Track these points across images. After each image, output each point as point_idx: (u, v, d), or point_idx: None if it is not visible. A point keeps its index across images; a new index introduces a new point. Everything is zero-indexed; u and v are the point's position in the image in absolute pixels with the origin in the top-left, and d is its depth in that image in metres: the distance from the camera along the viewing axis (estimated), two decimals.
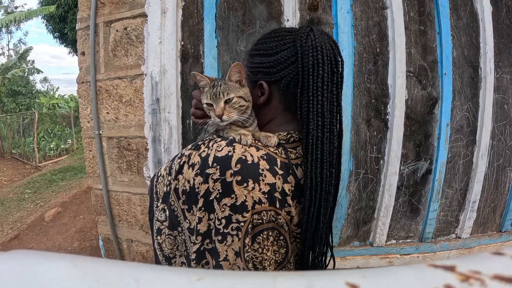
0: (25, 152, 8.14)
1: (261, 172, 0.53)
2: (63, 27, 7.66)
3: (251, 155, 0.54)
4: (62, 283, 0.13)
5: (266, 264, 0.53)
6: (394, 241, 1.66)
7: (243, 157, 0.53)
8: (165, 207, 0.58)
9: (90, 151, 1.76)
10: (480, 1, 1.53)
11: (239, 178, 0.51)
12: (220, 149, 0.53)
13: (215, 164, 0.52)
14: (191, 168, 0.54)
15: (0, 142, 8.95)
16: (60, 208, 3.81)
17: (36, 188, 4.92)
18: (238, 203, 0.51)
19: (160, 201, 0.59)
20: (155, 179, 0.63)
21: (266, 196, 0.53)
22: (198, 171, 0.53)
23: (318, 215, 0.57)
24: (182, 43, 1.52)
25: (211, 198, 0.51)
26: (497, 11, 1.57)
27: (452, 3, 1.52)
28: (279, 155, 0.58)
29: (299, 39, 0.60)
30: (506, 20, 1.59)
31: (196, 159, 0.54)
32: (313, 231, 0.58)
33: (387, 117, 1.54)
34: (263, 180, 0.53)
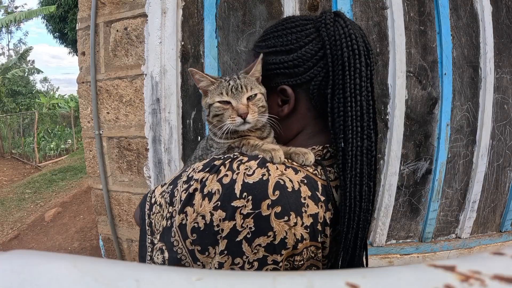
0: (25, 152, 8.14)
1: (303, 201, 0.42)
2: (63, 27, 7.66)
3: (290, 180, 0.42)
4: (62, 283, 0.13)
5: None
6: (394, 241, 1.66)
7: (282, 182, 0.41)
8: (164, 248, 0.45)
9: (90, 151, 1.76)
10: (480, 1, 1.53)
11: (278, 209, 0.40)
12: (250, 173, 0.41)
13: (245, 194, 0.40)
14: (207, 199, 0.41)
15: (0, 142, 8.95)
16: (60, 208, 3.81)
17: (36, 188, 4.92)
18: (276, 242, 0.40)
19: (158, 238, 0.46)
20: (147, 207, 0.50)
21: (308, 230, 0.42)
22: (219, 203, 0.41)
23: (355, 240, 0.47)
24: (182, 43, 1.52)
25: (239, 239, 0.40)
26: (497, 11, 1.57)
27: (452, 3, 1.52)
28: (319, 176, 0.47)
29: (324, 27, 0.48)
30: (506, 20, 1.59)
31: (214, 186, 0.42)
32: (349, 260, 0.48)
33: (387, 117, 1.53)
34: (305, 212, 0.42)
